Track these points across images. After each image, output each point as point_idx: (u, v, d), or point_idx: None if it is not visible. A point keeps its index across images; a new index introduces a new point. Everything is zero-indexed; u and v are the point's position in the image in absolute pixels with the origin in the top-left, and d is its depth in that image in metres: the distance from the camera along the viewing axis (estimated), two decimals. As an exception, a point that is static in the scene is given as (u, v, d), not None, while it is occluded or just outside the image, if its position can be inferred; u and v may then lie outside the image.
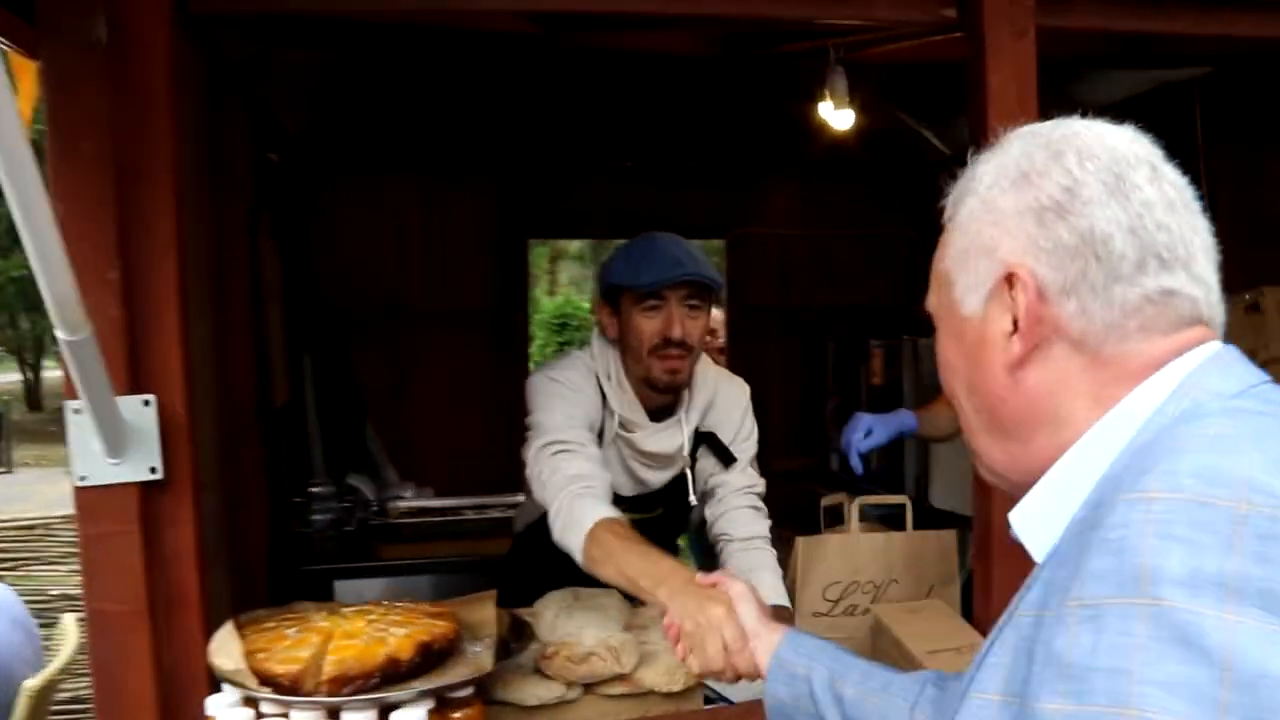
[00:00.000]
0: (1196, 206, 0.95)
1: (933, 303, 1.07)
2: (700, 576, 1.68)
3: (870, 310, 5.53)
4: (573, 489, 2.10)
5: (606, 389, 2.35)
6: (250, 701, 1.60)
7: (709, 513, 2.53)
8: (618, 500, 2.23)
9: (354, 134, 4.61)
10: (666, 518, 2.51)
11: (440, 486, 4.14)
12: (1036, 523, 0.96)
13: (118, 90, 1.67)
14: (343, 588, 3.43)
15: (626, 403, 2.36)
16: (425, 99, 4.41)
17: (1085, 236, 0.91)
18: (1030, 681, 0.80)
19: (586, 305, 14.50)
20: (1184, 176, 0.97)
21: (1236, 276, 3.34)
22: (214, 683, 1.65)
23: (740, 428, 2.53)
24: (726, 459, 2.49)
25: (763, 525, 2.47)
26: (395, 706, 1.57)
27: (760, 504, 2.51)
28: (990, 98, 1.93)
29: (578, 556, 2.03)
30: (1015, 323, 0.94)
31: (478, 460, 4.74)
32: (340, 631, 1.69)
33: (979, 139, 1.97)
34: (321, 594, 3.27)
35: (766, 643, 1.45)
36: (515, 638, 1.86)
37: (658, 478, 2.46)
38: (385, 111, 4.52)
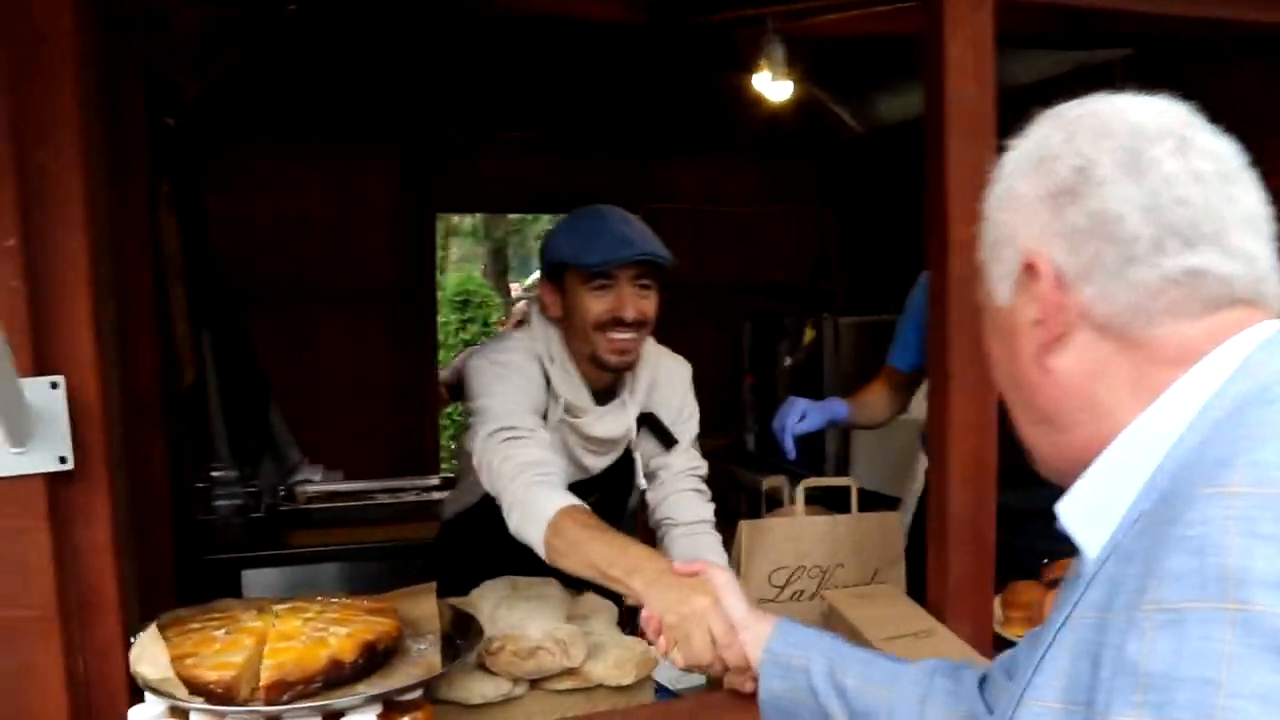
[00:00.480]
0: (1239, 175, 0.90)
1: (980, 294, 1.05)
2: (679, 565, 1.60)
3: (786, 288, 5.51)
4: (527, 477, 2.00)
5: (550, 371, 2.24)
6: (178, 712, 1.46)
7: (651, 497, 2.44)
8: None
9: (254, 101, 4.39)
10: (603, 504, 2.33)
11: (349, 469, 3.99)
12: (1087, 515, 0.90)
13: (13, 44, 1.50)
14: (251, 578, 3.28)
15: (571, 385, 2.25)
16: (329, 64, 4.23)
17: (1097, 218, 0.88)
18: (1099, 690, 0.75)
19: (488, 284, 14.29)
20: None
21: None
22: (136, 693, 1.51)
23: (682, 408, 2.46)
24: (667, 440, 2.40)
25: (707, 509, 2.40)
26: (341, 713, 1.45)
27: (703, 487, 2.44)
28: (948, 69, 1.88)
29: (539, 549, 1.95)
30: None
31: (387, 441, 4.61)
32: (275, 632, 1.56)
33: (936, 111, 1.93)
34: (227, 585, 3.13)
35: (756, 635, 1.41)
36: (461, 634, 1.75)
37: (599, 463, 2.37)
38: (287, 77, 4.32)
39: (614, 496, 2.41)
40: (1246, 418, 0.78)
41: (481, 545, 2.39)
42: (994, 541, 2.03)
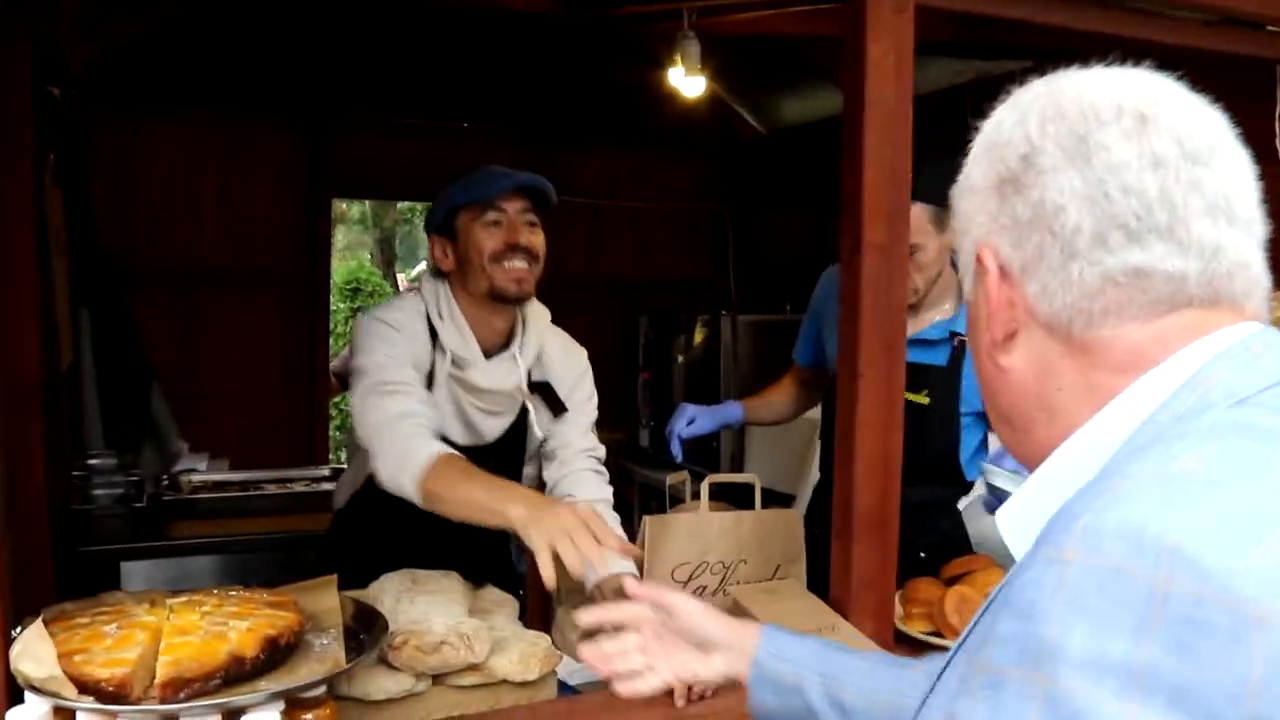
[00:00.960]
0: (1213, 154, 0.81)
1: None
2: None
3: (683, 284, 5.52)
4: (402, 427, 2.05)
5: (438, 326, 2.29)
6: (64, 713, 1.39)
7: (550, 475, 2.45)
8: (450, 446, 2.13)
9: (145, 72, 4.22)
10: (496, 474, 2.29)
11: (236, 459, 3.87)
12: (1019, 523, 0.86)
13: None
14: (131, 570, 3.16)
15: (459, 338, 2.30)
16: (226, 37, 4.10)
17: (1039, 209, 0.82)
18: None
19: (378, 272, 14.04)
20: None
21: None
22: (16, 693, 1.43)
23: (578, 385, 2.49)
24: (557, 408, 2.42)
25: (606, 490, 2.43)
26: (242, 710, 1.40)
27: (603, 469, 2.46)
28: (869, 71, 1.90)
29: (413, 494, 2.00)
30: None
31: (275, 430, 4.48)
32: (171, 627, 1.50)
33: (855, 113, 1.94)
34: (105, 578, 3.00)
35: (741, 649, 1.33)
36: (364, 628, 1.70)
37: (492, 426, 2.38)
38: (181, 49, 4.17)
39: (506, 467, 2.37)
40: (1128, 466, 0.73)
41: (376, 533, 2.39)
42: (897, 539, 2.06)
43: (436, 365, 2.28)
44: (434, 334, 2.28)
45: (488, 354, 2.34)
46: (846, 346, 2.00)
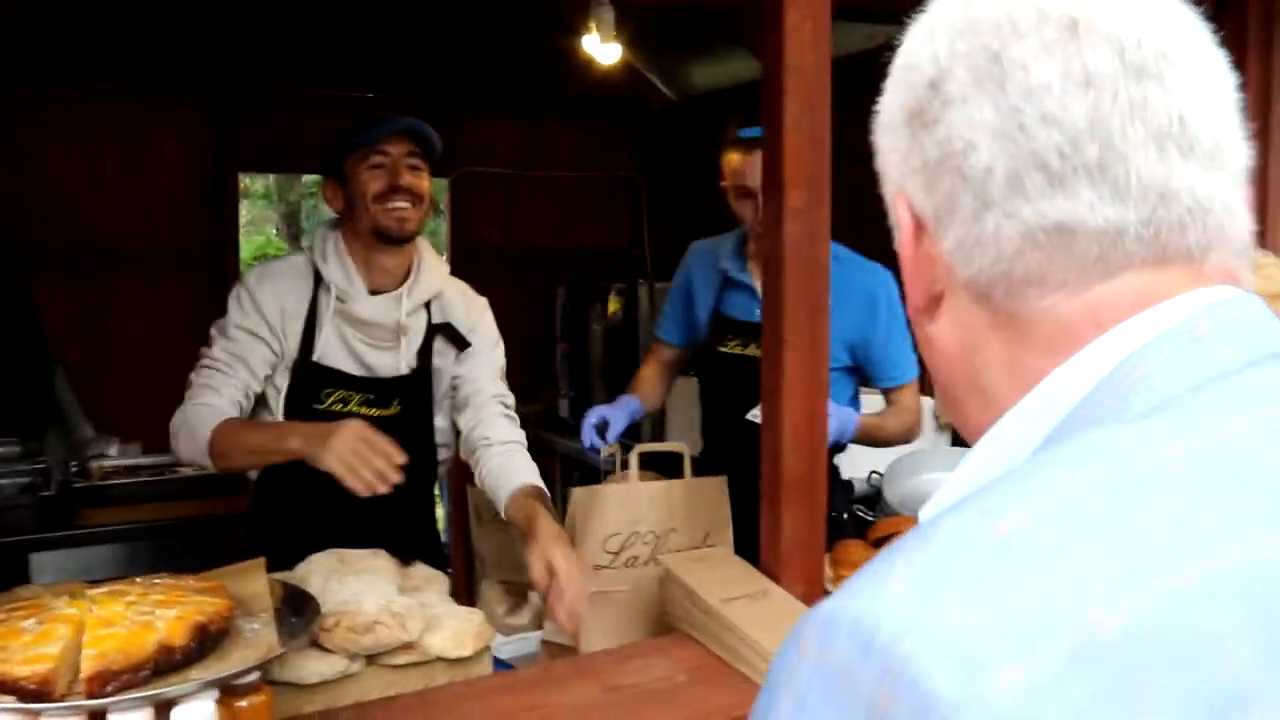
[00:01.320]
0: (1168, 64, 0.63)
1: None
2: None
3: (599, 253, 5.50)
4: (194, 403, 2.28)
5: (322, 267, 2.42)
6: (-15, 713, 1.34)
7: (464, 422, 2.55)
8: (346, 380, 2.42)
9: (40, 42, 4.06)
10: (406, 417, 2.48)
11: (148, 443, 3.77)
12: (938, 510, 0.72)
13: None
14: (41, 561, 3.07)
15: (343, 273, 2.42)
16: (124, 8, 3.96)
17: (946, 147, 0.66)
18: None
19: (286, 247, 13.79)
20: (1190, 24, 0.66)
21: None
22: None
23: (477, 329, 2.58)
24: (460, 343, 2.54)
25: (519, 433, 2.55)
26: (173, 701, 1.36)
27: (514, 415, 2.59)
28: (786, 35, 1.90)
29: (205, 460, 2.24)
30: None
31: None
32: (94, 619, 1.45)
33: (774, 80, 1.94)
34: (13, 571, 2.91)
35: None
36: (294, 611, 1.67)
37: (382, 360, 2.47)
38: (79, 17, 4.03)
39: (416, 410, 2.51)
40: (950, 516, 0.56)
41: (297, 510, 2.42)
42: (825, 503, 2.08)
43: (320, 302, 2.42)
44: (318, 279, 2.43)
45: (379, 291, 2.45)
46: (771, 313, 2.00)
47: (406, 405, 2.49)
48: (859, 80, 3.76)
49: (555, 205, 5.47)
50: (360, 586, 1.90)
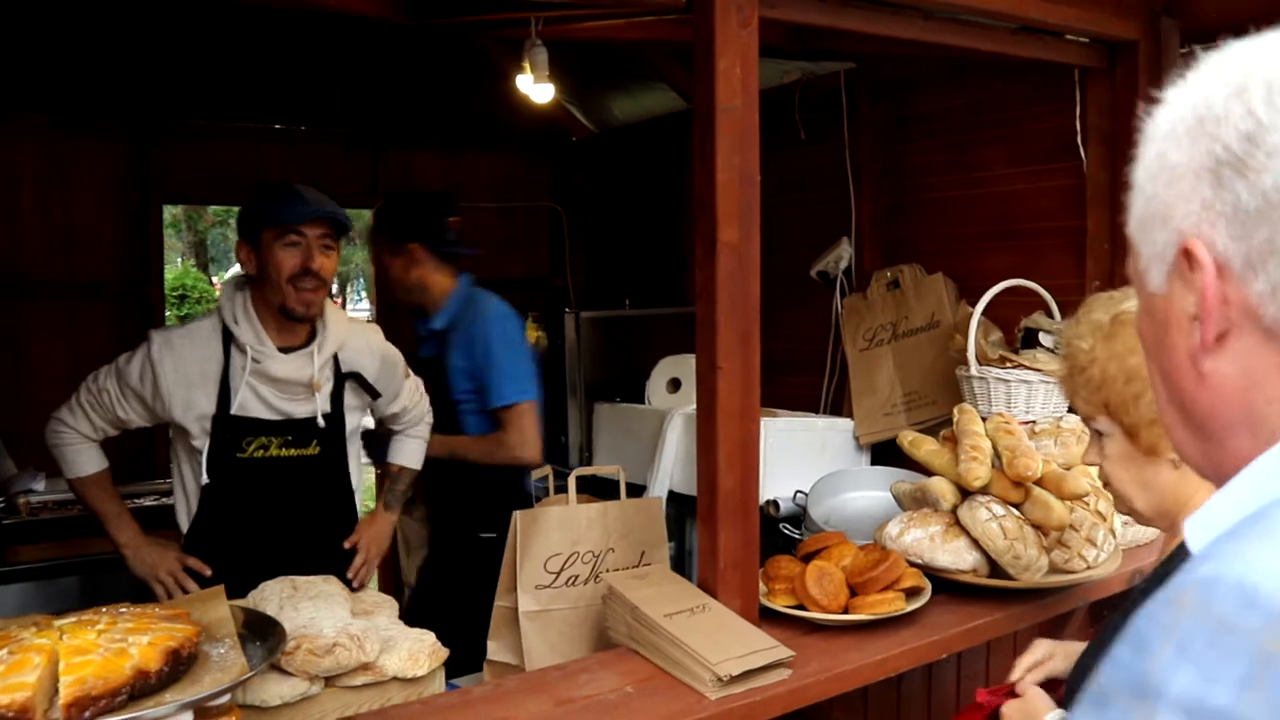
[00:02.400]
0: None
1: (1130, 269, 0.89)
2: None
3: (521, 283, 5.58)
4: (71, 431, 2.65)
5: (235, 330, 2.56)
6: (-36, 743, 1.38)
7: (390, 425, 3.03)
8: (266, 426, 2.60)
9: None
10: (325, 457, 2.70)
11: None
12: (1203, 531, 0.79)
13: None
14: (-29, 597, 3.05)
15: (254, 335, 2.57)
16: (48, 33, 3.94)
17: (1270, 196, 0.71)
18: None
19: (205, 278, 13.61)
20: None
21: (881, 255, 3.67)
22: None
23: (382, 370, 2.81)
24: (372, 393, 2.79)
25: (419, 452, 3.08)
26: (150, 724, 1.42)
27: (426, 412, 3.08)
28: (718, 79, 2.01)
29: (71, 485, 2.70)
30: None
31: (114, 445, 4.33)
32: (67, 648, 1.50)
33: (706, 120, 2.06)
34: (-58, 607, 2.89)
35: None
36: (257, 635, 1.73)
37: (297, 409, 2.64)
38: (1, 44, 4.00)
39: (334, 451, 2.73)
40: (1275, 515, 0.69)
41: (227, 554, 2.62)
42: (758, 521, 2.19)
43: (233, 361, 2.57)
44: (230, 338, 2.58)
45: (287, 350, 2.62)
46: (705, 341, 2.11)
47: (325, 445, 2.69)
48: (776, 113, 3.93)
49: (477, 235, 5.52)
50: (316, 611, 1.97)
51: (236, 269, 3.65)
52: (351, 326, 2.78)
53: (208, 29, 4.50)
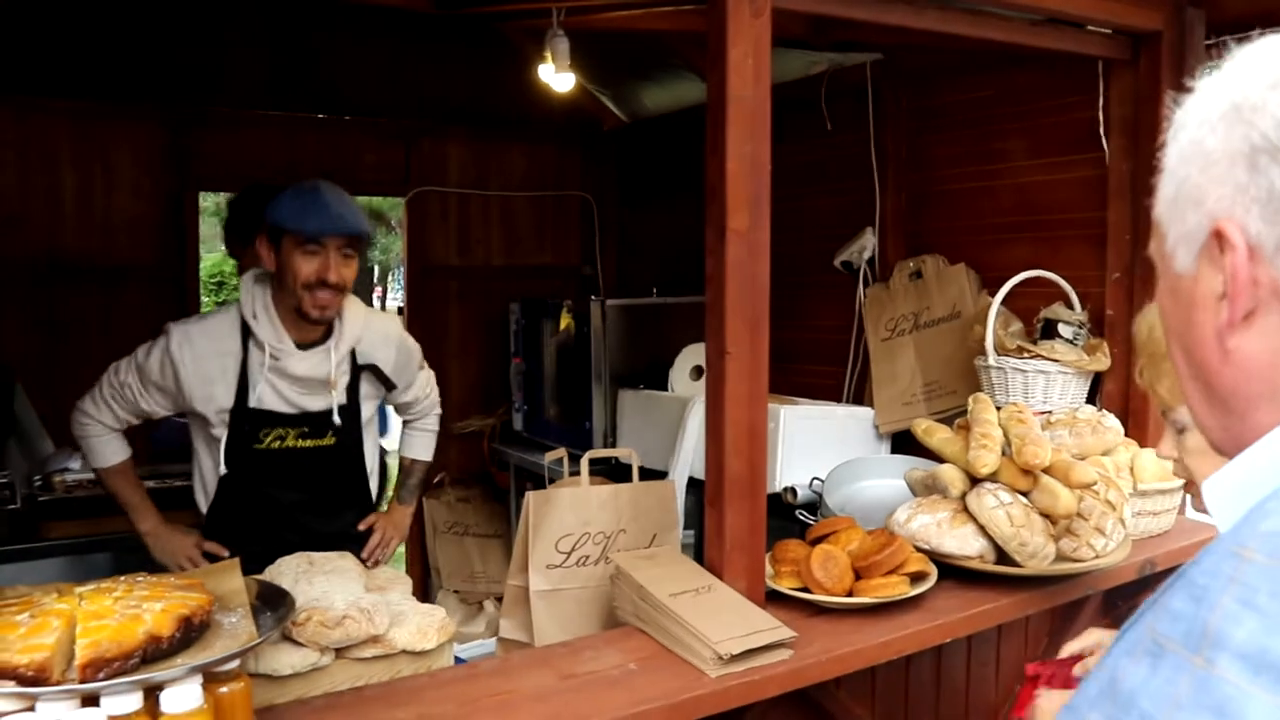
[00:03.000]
0: None
1: (1152, 250, 0.91)
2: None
3: (552, 271, 5.63)
4: (96, 423, 2.75)
5: (254, 326, 2.60)
6: (-15, 699, 1.45)
7: (404, 414, 3.13)
8: (282, 419, 2.65)
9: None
10: (341, 447, 2.76)
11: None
12: (1226, 498, 0.83)
13: None
14: (7, 574, 3.12)
15: (273, 332, 2.61)
16: (86, 17, 4.01)
17: None
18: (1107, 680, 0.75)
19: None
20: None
21: (904, 245, 3.68)
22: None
23: (399, 360, 2.87)
24: (388, 384, 2.85)
25: (429, 445, 3.19)
26: (160, 686, 1.48)
27: (435, 402, 3.18)
28: (730, 69, 2.04)
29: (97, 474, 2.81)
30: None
31: (148, 426, 4.42)
32: (85, 613, 1.56)
33: (718, 109, 2.09)
34: (-21, 581, 2.97)
35: None
36: (269, 606, 1.79)
37: (314, 402, 2.69)
38: (38, 28, 4.08)
39: (349, 442, 2.79)
40: None
41: (245, 538, 2.64)
42: (765, 504, 2.22)
43: (252, 356, 2.61)
44: (248, 332, 2.61)
45: (305, 346, 2.65)
46: (714, 326, 2.14)
47: (340, 436, 2.74)
48: (804, 103, 3.93)
49: (509, 224, 5.58)
50: (329, 585, 2.02)
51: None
52: (369, 318, 2.79)
53: (245, 16, 4.58)
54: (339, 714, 1.77)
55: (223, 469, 2.66)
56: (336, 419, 2.69)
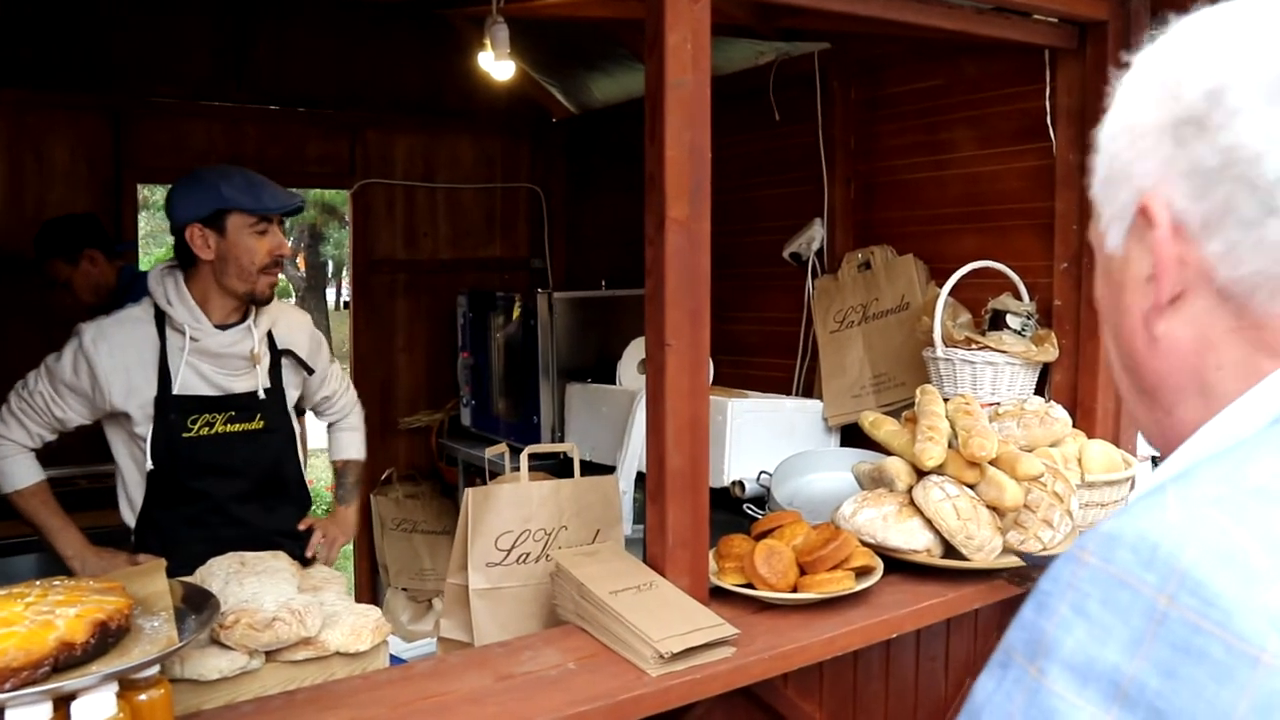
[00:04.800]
0: None
1: (1090, 233, 0.87)
2: None
3: (500, 264, 5.57)
4: (7, 441, 2.63)
5: (169, 311, 2.58)
6: (-116, 712, 1.38)
7: (325, 414, 3.15)
8: (209, 403, 2.63)
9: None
10: (270, 430, 2.75)
11: (43, 454, 3.73)
12: None
13: None
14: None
15: (189, 315, 2.59)
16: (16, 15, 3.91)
17: (1229, 155, 0.71)
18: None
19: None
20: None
21: (853, 236, 3.66)
22: None
23: (312, 347, 2.90)
24: (307, 368, 2.87)
25: (359, 442, 3.18)
26: (73, 695, 1.41)
27: (352, 395, 3.18)
28: (668, 54, 2.00)
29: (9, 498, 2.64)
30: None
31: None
32: (-8, 621, 1.49)
33: (656, 97, 2.05)
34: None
35: None
36: (194, 609, 1.73)
37: (237, 384, 2.69)
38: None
39: (279, 423, 2.78)
40: (1207, 466, 0.68)
41: (180, 522, 2.67)
42: (708, 499, 2.18)
43: (170, 343, 2.59)
44: (162, 320, 2.59)
45: (224, 326, 2.65)
46: (653, 318, 2.10)
47: (269, 418, 2.74)
48: (752, 92, 3.90)
49: (457, 216, 5.52)
50: (260, 586, 1.97)
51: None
52: (281, 306, 2.84)
53: (187, 4, 4.49)
54: (268, 719, 1.71)
55: (149, 464, 2.59)
56: (262, 394, 2.69)
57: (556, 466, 3.78)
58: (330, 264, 22.34)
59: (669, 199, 2.03)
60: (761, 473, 3.17)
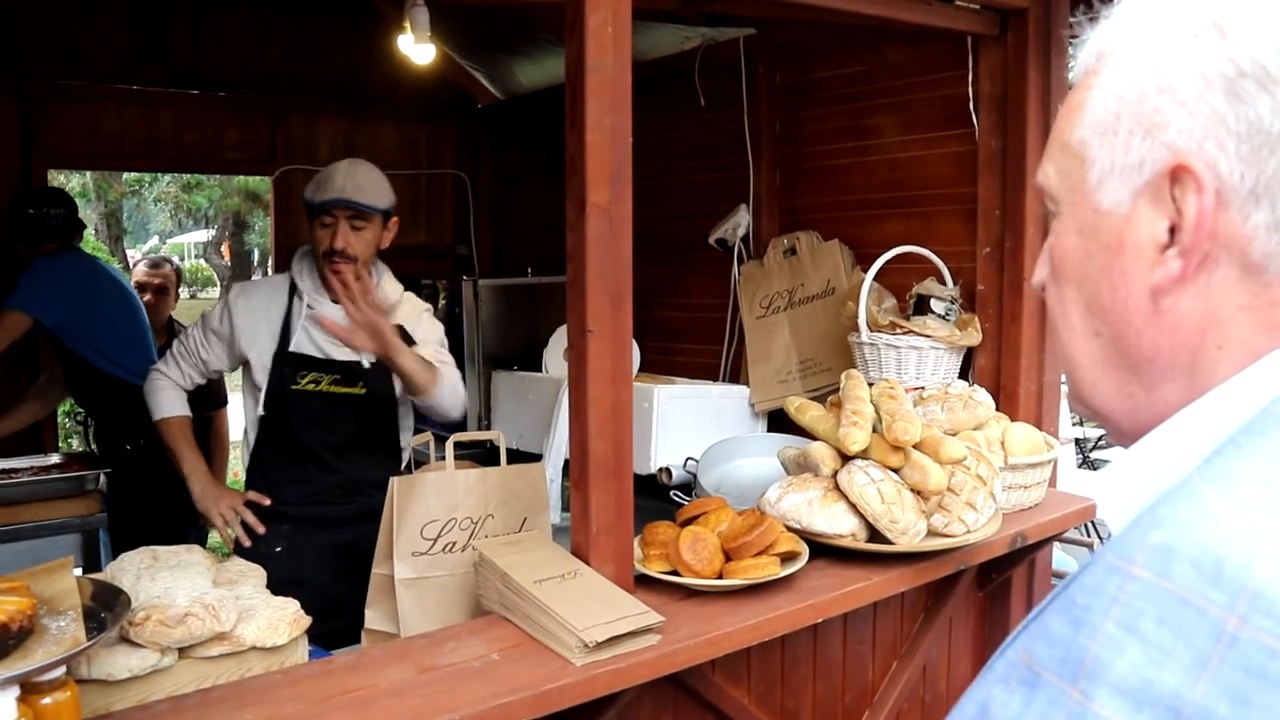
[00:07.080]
0: None
1: (1050, 178, 0.78)
2: None
3: (424, 250, 5.51)
4: (162, 376, 3.03)
5: (299, 282, 2.96)
6: None
7: None
8: (317, 364, 2.93)
9: None
10: (371, 398, 3.00)
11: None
12: (1123, 493, 0.73)
13: None
14: None
15: (314, 287, 2.94)
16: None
17: None
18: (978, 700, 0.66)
19: (104, 248, 13.24)
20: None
21: (779, 222, 3.66)
22: None
23: (417, 324, 3.06)
24: (409, 340, 2.95)
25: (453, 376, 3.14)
26: (-28, 699, 1.36)
27: (445, 361, 3.11)
28: (589, 37, 1.97)
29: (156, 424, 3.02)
30: (1173, 231, 0.69)
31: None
32: (-114, 623, 1.44)
33: (576, 80, 2.02)
34: None
35: None
36: (104, 607, 1.67)
37: (345, 353, 2.93)
38: None
39: (379, 391, 3.02)
40: (1235, 463, 0.62)
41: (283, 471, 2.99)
42: (631, 486, 2.17)
43: (294, 308, 2.94)
44: (294, 289, 2.95)
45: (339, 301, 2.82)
46: (575, 304, 2.08)
47: (371, 387, 2.99)
48: (676, 78, 3.88)
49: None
50: (173, 581, 1.91)
51: (154, 241, 3.83)
52: (406, 297, 3.10)
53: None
54: (182, 718, 1.67)
55: (260, 410, 2.93)
56: (366, 364, 2.94)
57: (483, 455, 3.74)
58: (256, 252, 22.01)
59: (590, 183, 2.01)
60: (688, 459, 3.16)
